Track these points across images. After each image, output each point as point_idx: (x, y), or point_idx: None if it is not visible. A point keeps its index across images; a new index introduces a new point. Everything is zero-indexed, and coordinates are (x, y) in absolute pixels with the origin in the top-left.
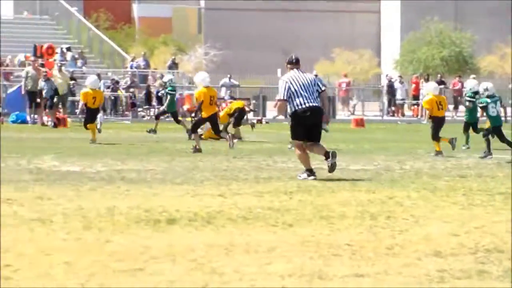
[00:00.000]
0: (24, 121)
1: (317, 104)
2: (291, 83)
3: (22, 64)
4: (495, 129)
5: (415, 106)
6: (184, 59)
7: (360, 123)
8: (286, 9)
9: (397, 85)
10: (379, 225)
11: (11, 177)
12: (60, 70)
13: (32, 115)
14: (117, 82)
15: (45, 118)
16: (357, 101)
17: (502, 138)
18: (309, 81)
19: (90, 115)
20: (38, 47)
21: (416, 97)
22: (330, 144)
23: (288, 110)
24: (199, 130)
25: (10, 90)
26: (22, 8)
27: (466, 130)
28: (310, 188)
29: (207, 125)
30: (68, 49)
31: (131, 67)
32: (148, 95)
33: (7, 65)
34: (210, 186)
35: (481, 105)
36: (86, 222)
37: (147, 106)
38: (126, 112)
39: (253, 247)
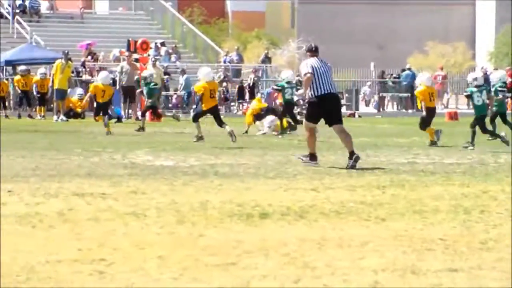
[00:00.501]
0: (118, 116)
1: (335, 91)
2: (313, 67)
3: (117, 60)
4: (479, 119)
5: (510, 99)
6: (277, 53)
7: (454, 116)
8: (379, 2)
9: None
10: (473, 220)
11: (105, 172)
12: (154, 65)
13: (126, 110)
14: None
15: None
16: (450, 94)
17: (484, 129)
18: (327, 69)
19: (98, 109)
20: (132, 42)
21: (511, 90)
22: (423, 138)
23: (308, 94)
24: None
25: None
26: (118, 5)
27: (493, 120)
28: (403, 182)
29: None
30: (162, 44)
31: (225, 62)
32: (241, 90)
33: (101, 61)
34: (303, 180)
35: (465, 93)
36: (179, 216)
37: (240, 101)
38: (219, 107)
39: (346, 241)
